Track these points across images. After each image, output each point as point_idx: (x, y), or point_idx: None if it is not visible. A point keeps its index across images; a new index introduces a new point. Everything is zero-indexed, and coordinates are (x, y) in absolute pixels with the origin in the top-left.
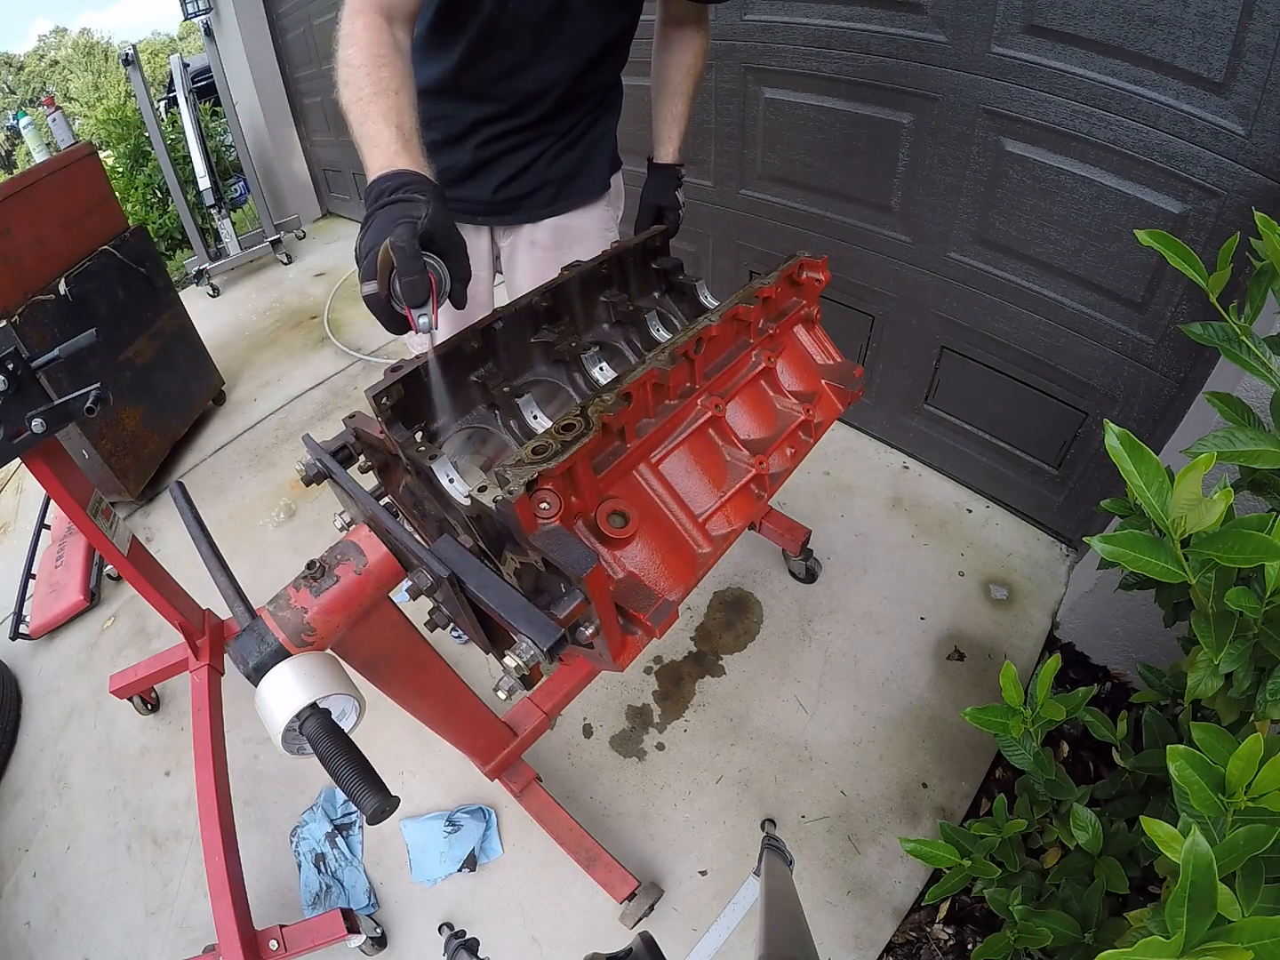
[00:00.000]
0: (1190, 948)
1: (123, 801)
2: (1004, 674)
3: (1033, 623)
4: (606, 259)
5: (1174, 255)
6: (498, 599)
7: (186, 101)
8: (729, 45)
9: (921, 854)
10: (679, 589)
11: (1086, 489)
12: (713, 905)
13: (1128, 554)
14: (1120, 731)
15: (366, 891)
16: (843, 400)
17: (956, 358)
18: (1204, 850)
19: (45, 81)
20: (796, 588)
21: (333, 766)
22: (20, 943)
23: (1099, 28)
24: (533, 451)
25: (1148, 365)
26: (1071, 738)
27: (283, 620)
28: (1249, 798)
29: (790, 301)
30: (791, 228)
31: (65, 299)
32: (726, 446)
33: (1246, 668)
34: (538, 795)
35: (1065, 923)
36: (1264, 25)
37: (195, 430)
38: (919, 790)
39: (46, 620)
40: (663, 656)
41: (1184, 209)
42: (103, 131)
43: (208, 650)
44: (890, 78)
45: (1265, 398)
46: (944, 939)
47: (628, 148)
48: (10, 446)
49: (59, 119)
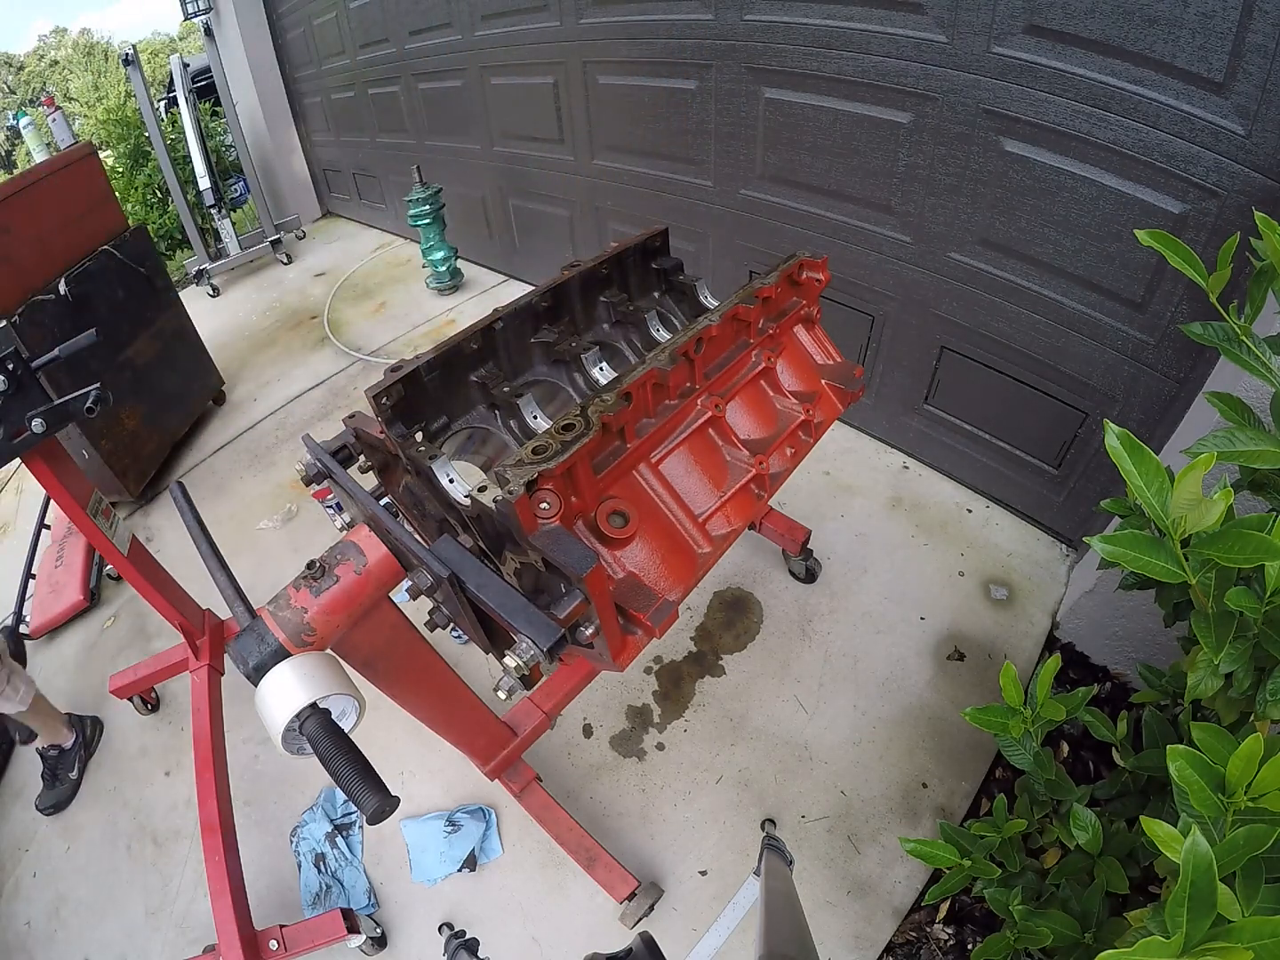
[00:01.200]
0: (1190, 948)
1: (123, 801)
2: (1004, 674)
3: (1033, 623)
4: (606, 259)
5: (1174, 255)
6: (498, 599)
7: (186, 101)
8: (729, 45)
9: (921, 854)
10: (679, 589)
11: (1086, 489)
12: (713, 905)
13: (1128, 554)
14: (1120, 731)
15: (366, 891)
16: (843, 400)
17: (956, 358)
18: (1204, 850)
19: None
20: (796, 588)
21: (333, 766)
22: (20, 943)
23: (1099, 28)
24: (533, 451)
25: (1148, 365)
26: (1071, 738)
27: (283, 620)
28: (1249, 798)
29: (790, 301)
30: (791, 228)
31: (65, 299)
32: (726, 446)
33: (1246, 668)
34: (538, 795)
35: (1065, 923)
36: (1264, 25)
37: (195, 430)
38: (919, 790)
39: (46, 620)
40: (663, 656)
41: (1184, 209)
42: (103, 131)
43: (208, 650)
44: (890, 78)
45: (1265, 398)
46: (944, 939)
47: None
48: (10, 446)
49: (59, 119)
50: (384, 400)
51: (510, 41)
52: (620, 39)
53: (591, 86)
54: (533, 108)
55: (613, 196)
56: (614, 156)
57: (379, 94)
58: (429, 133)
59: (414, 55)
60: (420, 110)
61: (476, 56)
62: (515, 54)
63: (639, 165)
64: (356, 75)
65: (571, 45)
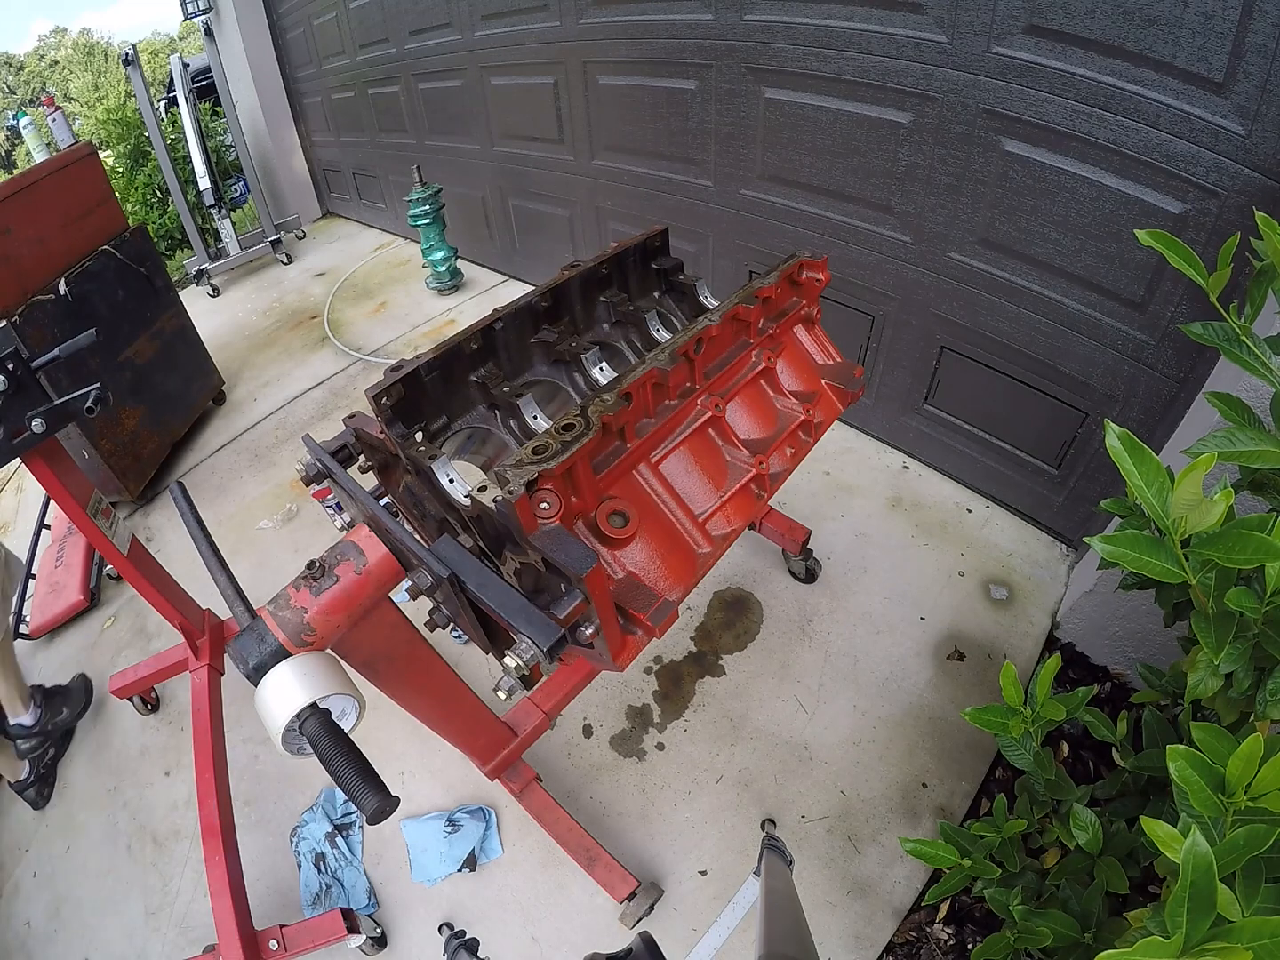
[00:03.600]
0: (1190, 948)
1: (123, 801)
2: (1004, 674)
3: (1033, 623)
4: (606, 259)
5: (1174, 255)
6: (498, 599)
7: (186, 101)
8: (729, 45)
9: (921, 854)
10: (679, 589)
11: (1086, 489)
12: (713, 905)
13: (1128, 554)
14: (1120, 731)
15: (366, 891)
16: (843, 400)
17: (956, 358)
18: (1204, 850)
19: (45, 81)
20: (796, 588)
21: (333, 766)
22: (20, 943)
23: (1099, 28)
24: (533, 451)
25: (1148, 365)
26: (1071, 738)
27: (283, 620)
28: (1249, 798)
29: (790, 301)
30: (791, 228)
31: (65, 299)
32: (726, 446)
33: (1246, 668)
34: (538, 795)
35: (1065, 923)
36: (1264, 25)
37: (195, 430)
38: (919, 790)
39: (46, 620)
40: (663, 656)
41: (1184, 209)
42: (103, 131)
43: (208, 650)
44: (890, 78)
45: (1265, 398)
46: (944, 939)
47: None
48: (10, 446)
49: (59, 119)
50: (384, 400)
51: (510, 41)
52: (620, 39)
53: (592, 86)
54: (533, 108)
55: (613, 196)
56: (614, 156)
57: (379, 94)
58: (429, 133)
59: (414, 55)
60: (420, 110)
61: (476, 56)
62: (515, 54)
63: (639, 165)
64: (356, 75)
65: (571, 45)
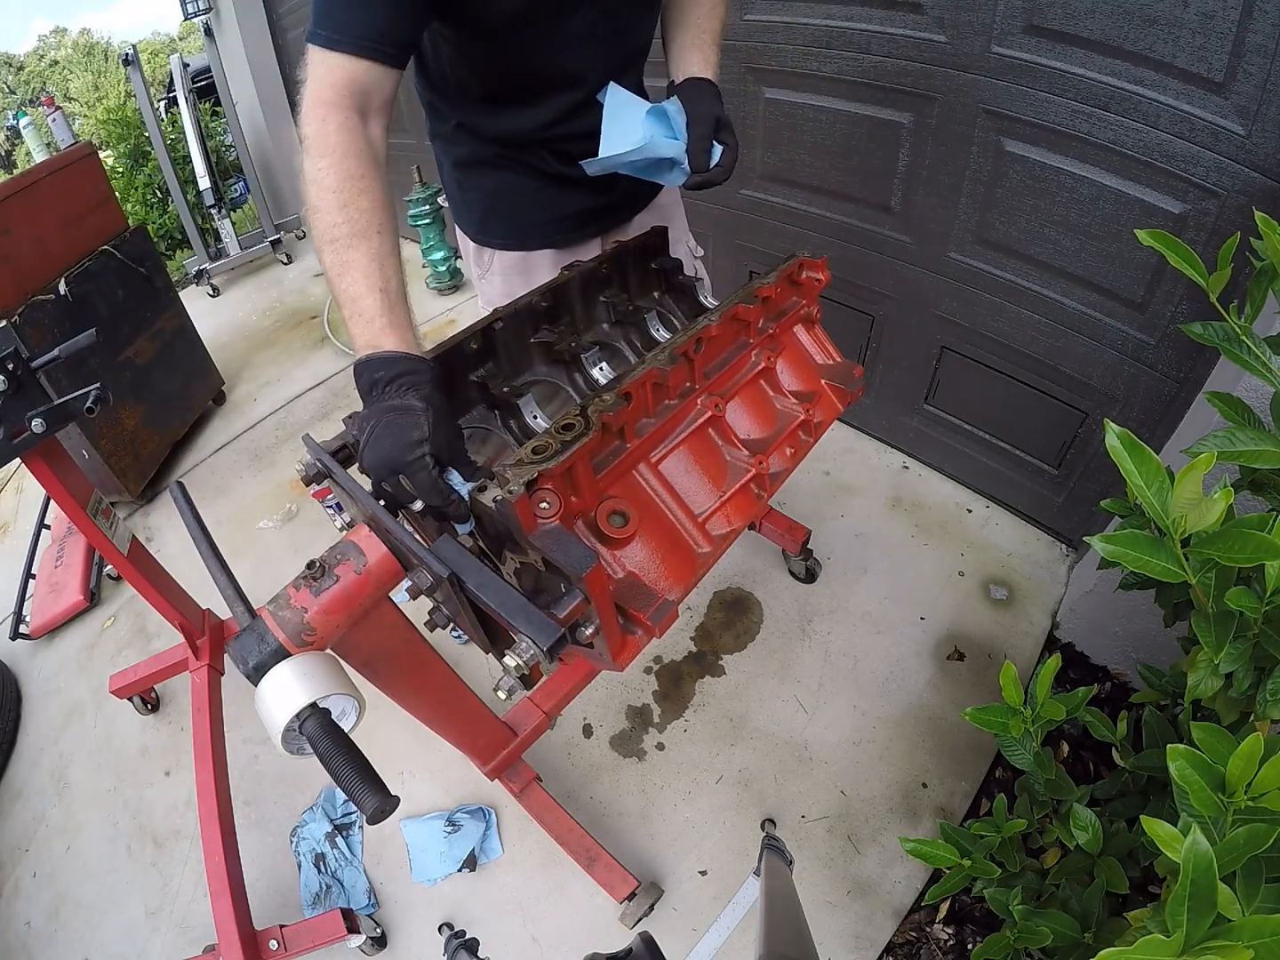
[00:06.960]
0: (1190, 947)
1: (123, 801)
2: (1004, 674)
3: (1033, 623)
4: (606, 259)
5: (1174, 255)
6: (497, 599)
7: (186, 101)
8: (729, 45)
9: (921, 854)
10: (679, 588)
11: (1086, 489)
12: (713, 905)
13: (1128, 554)
14: (1120, 731)
15: (366, 891)
16: (842, 400)
17: (956, 358)
18: (1204, 850)
19: (45, 81)
20: (796, 588)
21: (333, 766)
22: (20, 943)
23: (1099, 28)
24: (533, 451)
25: (1148, 365)
26: (1071, 738)
27: (283, 620)
28: (1249, 797)
29: (790, 301)
30: (791, 228)
31: (65, 299)
32: (726, 446)
33: (1246, 668)
34: (538, 795)
35: (1065, 923)
36: (1264, 25)
37: (195, 430)
38: (919, 790)
39: (46, 620)
40: (663, 656)
41: (1184, 209)
42: (103, 131)
43: (208, 650)
44: (890, 78)
45: (1265, 398)
46: (944, 939)
47: None
48: (10, 446)
49: (59, 119)
50: None
51: None
52: None
53: None
54: None
55: None
56: None
57: None
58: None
59: None
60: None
61: None
62: None
63: None
64: None
65: None
